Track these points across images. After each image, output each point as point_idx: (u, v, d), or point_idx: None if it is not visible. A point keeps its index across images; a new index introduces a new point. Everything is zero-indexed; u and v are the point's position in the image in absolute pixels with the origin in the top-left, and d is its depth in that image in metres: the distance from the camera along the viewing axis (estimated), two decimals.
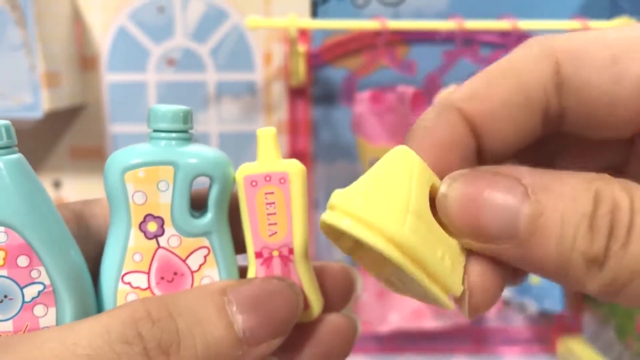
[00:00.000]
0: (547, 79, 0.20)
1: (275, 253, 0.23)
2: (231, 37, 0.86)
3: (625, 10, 0.82)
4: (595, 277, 0.17)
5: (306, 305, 0.23)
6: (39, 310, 0.20)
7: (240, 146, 0.89)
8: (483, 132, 0.21)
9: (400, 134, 0.76)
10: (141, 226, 0.22)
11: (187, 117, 0.22)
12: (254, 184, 0.22)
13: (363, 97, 0.77)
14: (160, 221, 0.22)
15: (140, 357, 0.18)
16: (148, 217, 0.22)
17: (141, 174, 0.21)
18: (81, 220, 0.24)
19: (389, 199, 0.20)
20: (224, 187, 0.22)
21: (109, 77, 0.87)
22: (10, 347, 0.18)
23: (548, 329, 0.93)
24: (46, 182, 0.90)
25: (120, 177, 0.21)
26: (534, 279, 0.82)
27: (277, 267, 0.23)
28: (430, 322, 0.83)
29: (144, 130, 0.83)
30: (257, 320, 0.20)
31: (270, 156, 0.23)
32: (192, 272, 0.22)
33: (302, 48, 0.81)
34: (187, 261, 0.22)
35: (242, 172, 0.22)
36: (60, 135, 0.89)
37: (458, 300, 0.22)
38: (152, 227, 0.22)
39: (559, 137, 0.23)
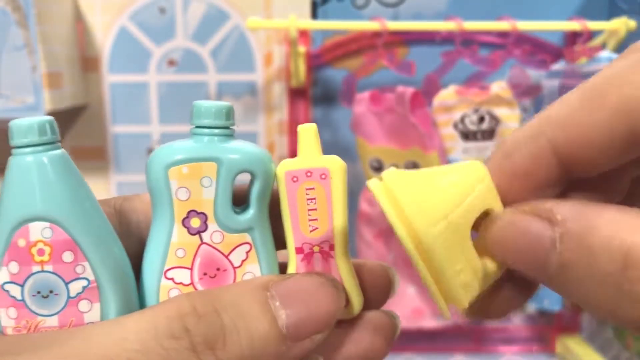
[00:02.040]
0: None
1: (316, 249, 0.23)
2: (232, 38, 0.87)
3: (624, 10, 0.82)
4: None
5: (347, 302, 0.23)
6: (83, 305, 0.20)
7: None
8: (572, 161, 0.20)
9: (399, 134, 0.77)
10: (184, 222, 0.22)
11: (229, 114, 0.22)
12: (295, 179, 0.22)
13: (363, 98, 0.78)
14: (204, 217, 0.22)
15: (187, 352, 0.18)
16: (191, 213, 0.22)
17: (185, 170, 0.21)
18: (122, 216, 0.24)
19: (434, 200, 0.20)
20: (266, 183, 0.22)
21: (111, 78, 0.87)
22: (59, 342, 0.18)
23: (547, 328, 0.93)
24: None
25: (164, 173, 0.21)
26: None
27: (317, 263, 0.23)
28: (429, 322, 0.83)
29: (145, 130, 0.83)
30: (300, 315, 0.20)
31: (311, 152, 0.23)
32: (235, 268, 0.22)
33: (302, 49, 0.81)
34: (230, 257, 0.22)
35: (284, 168, 0.22)
36: (61, 135, 0.89)
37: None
38: (195, 223, 0.22)
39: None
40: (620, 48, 0.79)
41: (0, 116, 0.75)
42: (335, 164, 0.23)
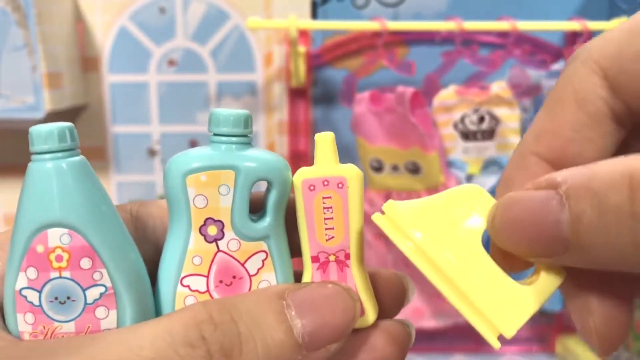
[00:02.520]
0: (598, 89, 0.20)
1: (332, 258, 0.23)
2: (232, 38, 0.87)
3: (624, 10, 0.82)
4: None
5: (362, 311, 0.23)
6: (100, 312, 0.20)
7: None
8: (563, 165, 0.20)
9: (399, 134, 0.77)
10: (201, 229, 0.22)
11: (247, 122, 0.22)
12: (312, 188, 0.22)
13: (363, 98, 0.78)
14: (221, 225, 0.22)
15: None
16: (208, 220, 0.22)
17: (203, 177, 0.21)
18: (138, 222, 0.24)
19: (437, 225, 0.20)
20: (283, 191, 0.22)
21: (111, 78, 0.87)
22: (77, 349, 0.18)
23: (547, 327, 0.93)
24: None
25: (181, 181, 0.21)
26: None
27: (333, 272, 0.23)
28: (429, 322, 0.83)
29: (145, 130, 0.83)
30: (315, 324, 0.20)
31: (328, 160, 0.23)
32: (250, 276, 0.22)
33: (302, 49, 0.81)
34: (246, 265, 0.22)
35: (301, 176, 0.22)
36: None
37: (587, 338, 0.21)
38: (212, 230, 0.22)
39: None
40: None
41: (0, 116, 0.75)
42: (352, 173, 0.22)
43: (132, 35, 0.86)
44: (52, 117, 0.79)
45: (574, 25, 0.77)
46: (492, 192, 0.71)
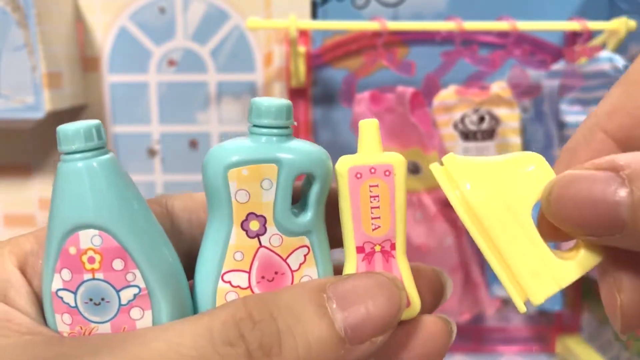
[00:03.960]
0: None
1: (378, 248, 0.22)
2: (232, 38, 0.87)
3: (624, 10, 0.82)
4: None
5: (408, 302, 0.22)
6: (135, 313, 0.20)
7: None
8: (629, 146, 0.21)
9: (399, 134, 0.77)
10: (243, 225, 0.21)
11: (289, 112, 0.21)
12: (358, 176, 0.21)
13: (363, 98, 0.78)
14: (263, 220, 0.21)
15: (243, 359, 0.18)
16: (250, 215, 0.21)
17: (245, 172, 0.21)
18: (174, 215, 0.24)
19: (490, 183, 0.21)
20: (325, 184, 0.22)
21: (111, 78, 0.87)
22: (118, 347, 0.18)
23: (547, 328, 0.93)
24: (48, 182, 0.91)
25: (223, 175, 0.21)
26: None
27: (379, 263, 0.22)
28: None
29: (145, 130, 0.83)
30: (358, 317, 0.19)
31: (372, 147, 0.22)
32: (292, 272, 0.22)
33: (302, 49, 0.81)
34: (288, 260, 0.21)
35: (347, 164, 0.22)
36: None
37: (611, 314, 0.21)
38: (254, 225, 0.21)
39: None
40: (620, 48, 0.79)
41: (0, 116, 0.75)
42: (399, 160, 0.22)
43: (132, 35, 0.86)
44: (52, 117, 0.79)
45: (574, 25, 0.77)
46: None
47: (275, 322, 0.19)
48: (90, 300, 0.20)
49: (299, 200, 0.23)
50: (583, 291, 0.94)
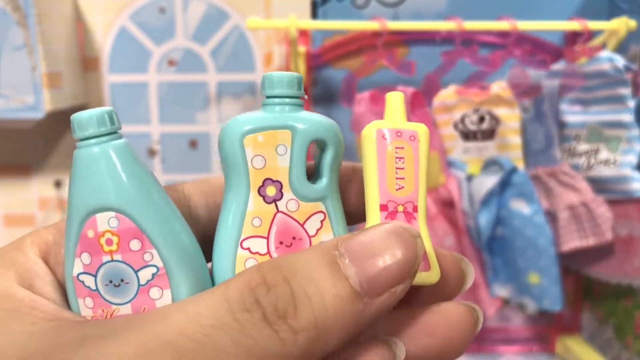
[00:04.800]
0: None
1: (400, 208, 0.22)
2: (232, 37, 0.87)
3: (624, 10, 0.82)
4: None
5: (427, 265, 0.22)
6: (154, 292, 0.21)
7: None
8: None
9: None
10: (260, 190, 0.21)
11: (300, 83, 0.22)
12: (385, 137, 0.22)
13: (363, 98, 0.78)
14: (279, 185, 0.21)
15: (261, 323, 0.18)
16: (267, 181, 0.21)
17: (260, 138, 0.21)
18: (191, 200, 0.24)
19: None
20: (338, 152, 0.22)
21: (110, 78, 0.87)
22: (139, 325, 0.18)
23: (547, 328, 0.93)
24: (48, 182, 0.91)
25: (239, 142, 0.21)
26: (532, 279, 0.82)
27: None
28: None
29: (145, 130, 0.83)
30: (373, 269, 0.19)
31: (398, 116, 0.23)
32: (310, 237, 0.22)
33: (302, 49, 0.81)
34: (305, 225, 0.22)
35: (374, 126, 0.22)
36: (61, 135, 0.89)
37: None
38: (271, 191, 0.22)
39: None
40: (620, 48, 0.79)
41: (0, 116, 0.75)
42: (423, 129, 0.23)
43: (132, 35, 0.86)
44: (52, 116, 0.79)
45: (574, 25, 0.77)
46: (491, 195, 0.72)
47: (289, 285, 0.19)
48: (110, 282, 0.20)
49: (313, 175, 0.23)
50: (583, 291, 0.94)
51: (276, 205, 0.22)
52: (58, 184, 0.91)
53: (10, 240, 0.23)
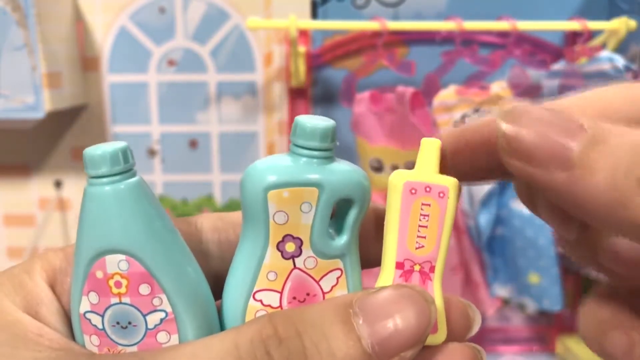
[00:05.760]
0: None
1: (417, 267, 0.21)
2: (232, 37, 0.87)
3: (624, 10, 0.82)
4: None
5: (435, 327, 0.21)
6: (162, 337, 0.20)
7: (241, 146, 0.89)
8: None
9: (399, 134, 0.77)
10: (279, 245, 0.21)
11: (334, 135, 0.21)
12: (413, 191, 0.21)
13: (363, 98, 0.78)
14: (299, 242, 0.21)
15: None
16: (287, 237, 0.21)
17: (286, 194, 0.21)
18: (202, 235, 0.24)
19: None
20: (363, 209, 0.22)
21: (110, 78, 0.87)
22: None
23: (547, 328, 0.93)
24: (47, 182, 0.90)
25: (263, 196, 0.20)
26: (532, 279, 0.82)
27: (415, 282, 0.22)
28: None
29: (145, 130, 0.83)
30: (385, 332, 0.19)
31: (430, 167, 0.22)
32: (324, 293, 0.22)
33: (302, 49, 0.81)
34: (321, 282, 0.21)
35: (403, 178, 0.21)
36: (61, 135, 0.89)
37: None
38: (290, 247, 0.21)
39: None
40: (620, 48, 0.79)
41: (0, 116, 0.75)
42: (454, 184, 0.22)
43: (132, 35, 0.86)
44: (52, 117, 0.79)
45: (574, 25, 0.77)
46: (491, 195, 0.72)
47: (301, 339, 0.19)
48: (118, 323, 0.20)
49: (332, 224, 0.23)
50: (583, 291, 0.94)
51: (294, 262, 0.21)
52: (58, 184, 0.91)
53: (10, 240, 0.23)
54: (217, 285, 0.22)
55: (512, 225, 0.80)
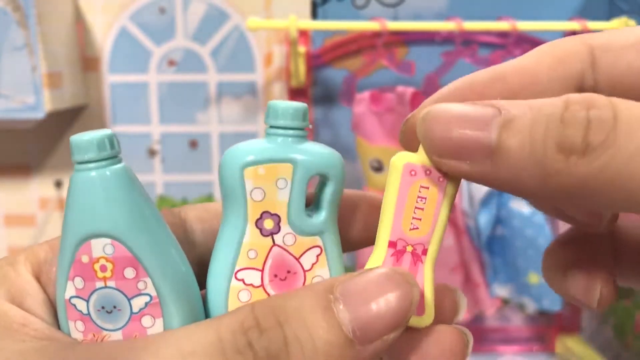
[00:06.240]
0: (583, 55, 0.21)
1: (409, 248, 0.22)
2: (232, 38, 0.87)
3: (624, 10, 0.82)
4: (576, 166, 0.17)
5: (422, 309, 0.22)
6: (146, 321, 0.21)
7: None
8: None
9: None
10: (257, 223, 0.21)
11: (305, 115, 0.22)
12: (413, 173, 0.21)
13: (363, 98, 0.78)
14: (277, 219, 0.21)
15: None
16: (265, 214, 0.21)
17: (261, 170, 0.21)
18: (187, 225, 0.24)
19: None
20: (339, 186, 0.22)
21: (111, 78, 0.87)
22: (130, 353, 0.18)
23: (547, 328, 0.93)
24: (48, 182, 0.91)
25: (239, 174, 0.21)
26: (532, 279, 0.82)
27: (406, 263, 0.22)
28: None
29: (145, 130, 0.83)
30: (366, 315, 0.19)
31: None
32: (305, 271, 0.22)
33: (302, 49, 0.81)
34: (301, 260, 0.22)
35: (403, 159, 0.21)
36: (62, 135, 0.89)
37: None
38: (268, 224, 0.21)
39: None
40: None
41: (0, 116, 0.75)
42: (452, 177, 0.22)
43: (132, 35, 0.86)
44: (52, 117, 0.79)
45: (574, 25, 0.77)
46: (490, 195, 0.72)
47: (282, 329, 0.19)
48: (103, 308, 0.20)
49: (312, 204, 0.23)
50: None
51: (273, 239, 0.22)
52: (58, 184, 0.91)
53: (10, 240, 0.23)
54: (202, 273, 0.23)
55: (512, 225, 0.80)
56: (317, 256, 0.22)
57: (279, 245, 0.22)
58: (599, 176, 0.17)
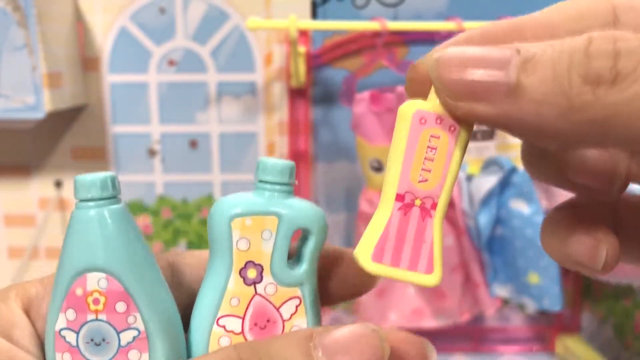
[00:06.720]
0: (604, 12, 0.20)
1: (418, 202, 0.21)
2: (232, 38, 0.87)
3: None
4: (605, 97, 0.16)
5: (431, 268, 0.21)
6: (133, 355, 0.21)
7: (241, 146, 0.89)
8: None
9: None
10: (241, 272, 0.23)
11: (292, 172, 0.23)
12: (422, 121, 0.20)
13: (363, 98, 0.78)
14: (260, 268, 0.23)
15: None
16: (249, 263, 0.23)
17: (248, 222, 0.22)
18: (174, 270, 0.25)
19: None
20: (320, 240, 0.23)
21: (111, 78, 0.87)
22: None
23: (547, 327, 0.93)
24: (48, 182, 0.91)
25: (227, 223, 0.22)
26: (532, 279, 0.82)
27: (414, 218, 0.21)
28: (429, 322, 0.83)
29: (145, 130, 0.83)
30: None
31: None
32: (284, 321, 0.23)
33: (302, 49, 0.81)
34: (280, 309, 0.23)
35: (413, 107, 0.20)
36: (61, 135, 0.89)
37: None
38: (251, 273, 0.23)
39: None
40: None
41: (0, 116, 0.75)
42: (466, 122, 0.21)
43: (132, 35, 0.86)
44: (52, 117, 0.79)
45: None
46: (490, 195, 0.72)
47: None
48: (92, 340, 0.21)
49: (294, 256, 0.24)
50: (583, 291, 0.94)
51: (255, 288, 0.23)
52: (58, 184, 0.91)
53: (10, 240, 0.24)
54: (186, 315, 0.24)
55: (512, 225, 0.80)
56: (297, 307, 0.23)
57: (260, 295, 0.23)
58: (632, 104, 0.16)
